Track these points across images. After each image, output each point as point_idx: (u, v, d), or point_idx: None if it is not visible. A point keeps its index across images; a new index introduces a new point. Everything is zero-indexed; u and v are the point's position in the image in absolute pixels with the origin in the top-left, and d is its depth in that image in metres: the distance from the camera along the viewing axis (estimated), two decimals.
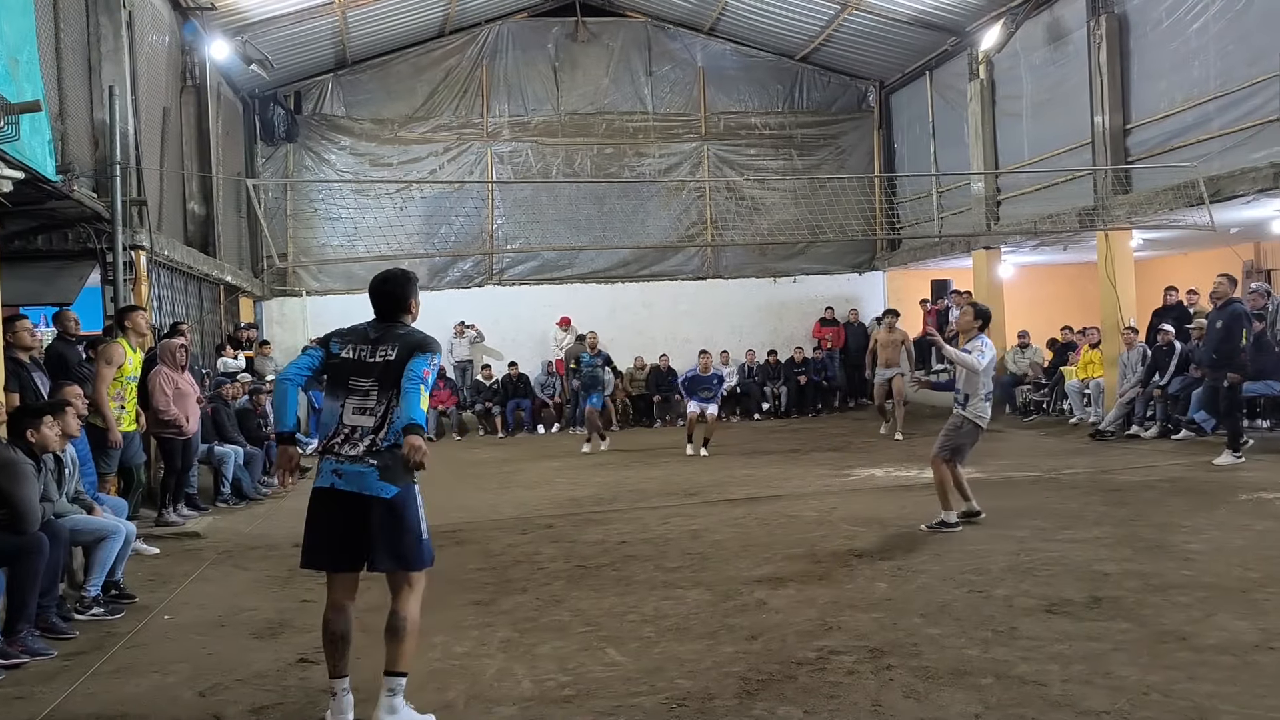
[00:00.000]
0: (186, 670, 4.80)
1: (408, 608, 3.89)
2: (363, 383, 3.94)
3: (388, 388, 3.90)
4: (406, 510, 3.89)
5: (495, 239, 18.98)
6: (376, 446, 3.87)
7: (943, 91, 18.16)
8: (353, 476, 3.86)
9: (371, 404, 3.91)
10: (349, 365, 3.97)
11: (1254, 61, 11.24)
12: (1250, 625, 4.64)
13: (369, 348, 3.96)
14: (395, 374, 3.87)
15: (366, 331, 4.04)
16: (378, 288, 4.12)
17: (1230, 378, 9.92)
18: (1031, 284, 18.61)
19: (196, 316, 13.27)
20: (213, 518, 9.33)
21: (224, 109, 15.82)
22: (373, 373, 3.93)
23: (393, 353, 3.92)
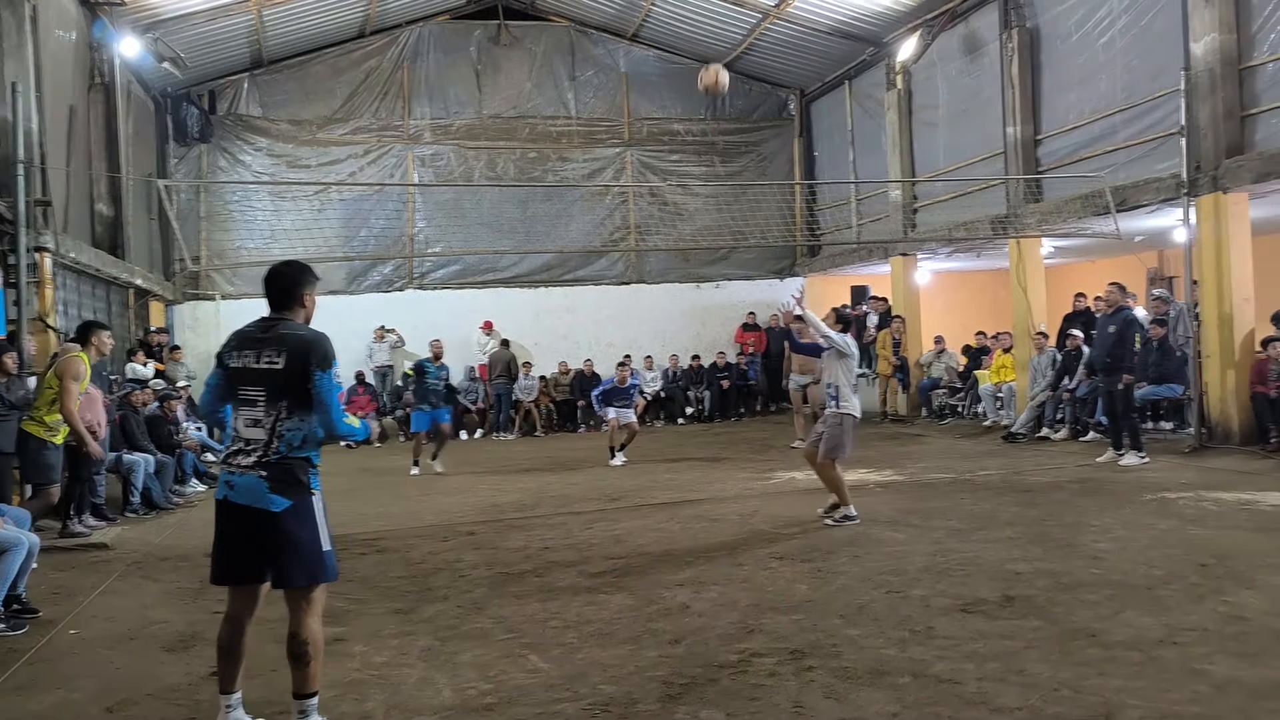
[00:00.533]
0: (94, 686, 4.62)
1: (306, 628, 3.72)
2: (251, 392, 3.76)
3: (276, 398, 3.71)
4: (302, 523, 3.71)
5: (416, 242, 18.76)
6: (267, 458, 3.69)
7: (861, 100, 18.50)
8: (244, 488, 3.69)
9: (260, 414, 3.73)
10: (239, 374, 3.80)
11: (1156, 76, 11.69)
12: (1155, 621, 4.80)
13: (254, 353, 3.76)
14: (282, 383, 3.70)
15: (254, 333, 3.84)
16: (269, 277, 3.92)
17: (1125, 379, 10.30)
18: (947, 290, 19.05)
19: (105, 321, 12.82)
20: (121, 528, 9.02)
21: (134, 108, 15.35)
22: (260, 381, 3.74)
23: (279, 359, 3.70)
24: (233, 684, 3.81)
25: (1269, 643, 4.40)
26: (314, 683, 3.75)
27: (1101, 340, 10.62)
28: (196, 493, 11.34)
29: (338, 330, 17.44)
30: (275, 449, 3.70)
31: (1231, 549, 6.16)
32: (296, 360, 3.68)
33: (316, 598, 3.78)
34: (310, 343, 3.73)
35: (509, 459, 13.97)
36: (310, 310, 3.96)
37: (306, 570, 3.72)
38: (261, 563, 3.72)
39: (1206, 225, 10.92)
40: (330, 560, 3.80)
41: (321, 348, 3.73)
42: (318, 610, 3.78)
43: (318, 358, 3.69)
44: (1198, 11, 10.78)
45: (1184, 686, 3.94)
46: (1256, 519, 7.12)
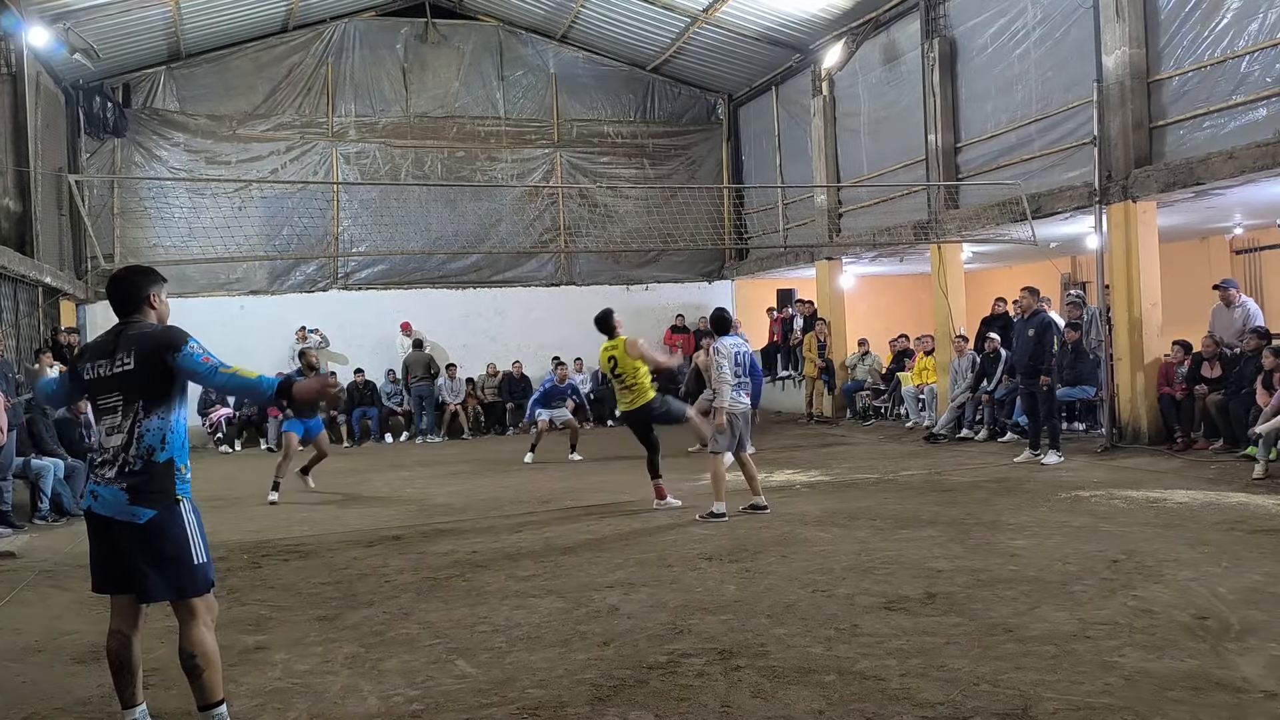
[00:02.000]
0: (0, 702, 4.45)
1: (195, 640, 3.60)
2: (109, 400, 3.62)
3: (132, 400, 3.58)
4: (168, 534, 3.58)
5: (341, 242, 18.45)
6: (128, 466, 3.56)
7: (788, 106, 18.74)
8: (106, 499, 3.58)
9: (118, 420, 3.59)
10: (95, 384, 3.66)
11: (1070, 88, 12.06)
12: (1069, 616, 4.95)
13: (107, 360, 3.61)
14: (137, 382, 3.57)
15: (106, 343, 3.69)
16: (109, 285, 3.79)
17: (1044, 381, 10.61)
18: (870, 293, 19.39)
19: (11, 320, 12.36)
20: (29, 536, 8.71)
21: (44, 100, 14.82)
22: (114, 386, 3.60)
23: (130, 359, 3.56)
24: (133, 697, 3.72)
25: (1176, 635, 4.57)
26: (214, 693, 3.64)
27: (1021, 344, 10.91)
28: None
29: (259, 331, 17.18)
30: (135, 454, 3.56)
31: (1140, 545, 6.38)
32: (147, 355, 3.56)
33: (200, 607, 3.64)
34: (157, 334, 3.63)
35: (435, 462, 13.81)
36: (163, 312, 3.83)
37: (174, 585, 3.60)
38: (133, 573, 3.61)
39: (1117, 232, 11.30)
40: (202, 573, 3.65)
41: (169, 335, 3.61)
42: (204, 619, 3.65)
43: (169, 344, 3.58)
44: (1109, 26, 11.15)
45: (1096, 679, 4.07)
46: (1163, 516, 7.39)
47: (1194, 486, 8.57)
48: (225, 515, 9.77)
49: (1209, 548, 6.26)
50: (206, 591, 3.69)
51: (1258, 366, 9.64)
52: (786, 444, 13.56)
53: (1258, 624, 4.68)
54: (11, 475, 9.11)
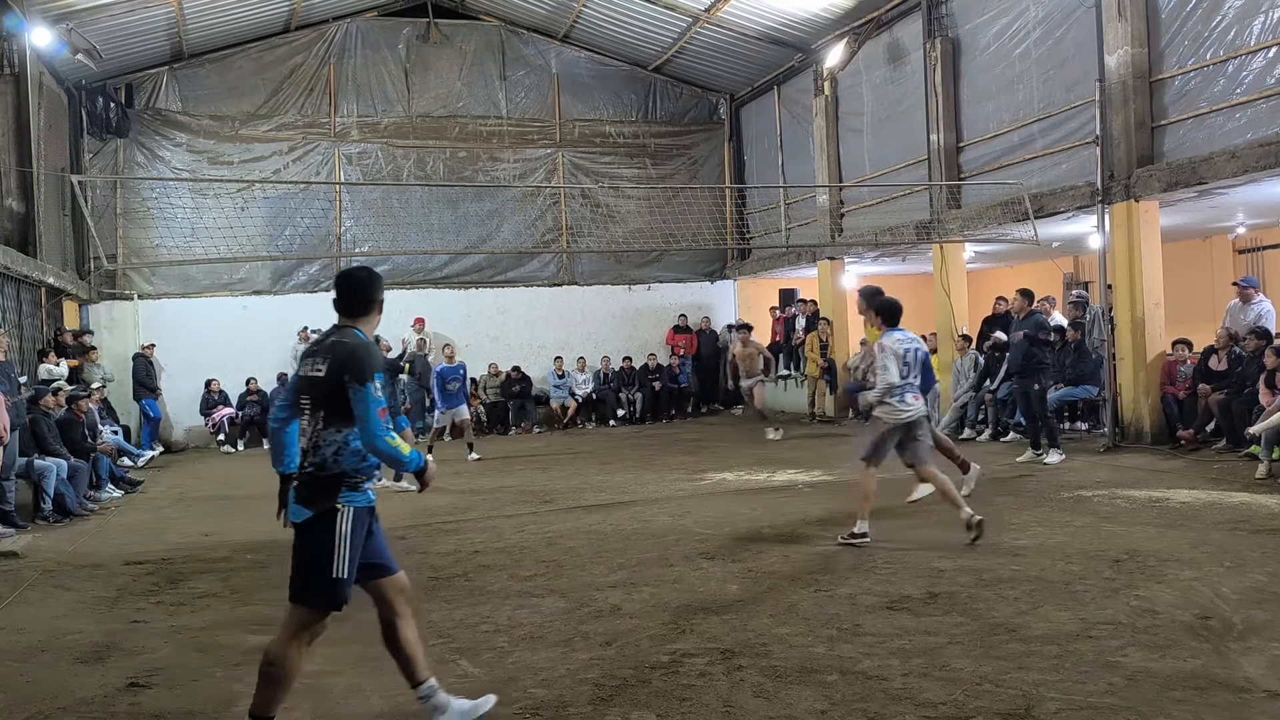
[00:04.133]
0: (3, 701, 4.46)
1: (278, 647, 3.56)
2: (305, 401, 3.68)
3: (317, 407, 3.61)
4: (315, 537, 3.56)
5: (343, 242, 18.46)
6: (306, 470, 3.62)
7: (790, 106, 18.73)
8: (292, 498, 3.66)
9: (306, 422, 3.66)
10: (302, 382, 3.71)
11: (1071, 87, 12.05)
12: (1071, 615, 4.95)
13: (310, 361, 3.66)
14: (324, 392, 3.57)
15: (319, 341, 3.75)
16: (336, 280, 3.83)
17: (1041, 382, 10.62)
18: None
19: (15, 320, 12.38)
20: (33, 535, 8.72)
21: (47, 100, 14.84)
22: (308, 389, 3.66)
23: (323, 368, 3.58)
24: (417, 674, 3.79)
25: (1178, 635, 4.57)
26: (269, 707, 3.54)
27: (1015, 347, 11.01)
28: (113, 499, 11.01)
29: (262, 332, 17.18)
30: (312, 460, 3.59)
31: (1143, 545, 6.38)
32: (335, 370, 3.54)
33: (304, 620, 3.59)
34: (349, 352, 3.56)
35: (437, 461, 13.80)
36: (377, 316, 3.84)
37: (300, 585, 3.59)
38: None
39: (1119, 232, 11.29)
40: (333, 588, 3.55)
41: (358, 359, 3.54)
42: (297, 633, 3.58)
43: (353, 369, 3.51)
44: (1110, 26, 11.14)
45: (1099, 678, 4.07)
46: (1166, 516, 7.39)
47: (1196, 486, 8.56)
48: (228, 515, 9.78)
49: (1211, 547, 6.26)
50: (324, 609, 3.60)
51: (1261, 366, 9.63)
52: (789, 444, 13.55)
53: (1261, 624, 4.68)
54: (14, 475, 9.12)
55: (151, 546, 8.14)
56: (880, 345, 6.95)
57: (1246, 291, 11.13)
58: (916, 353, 7.05)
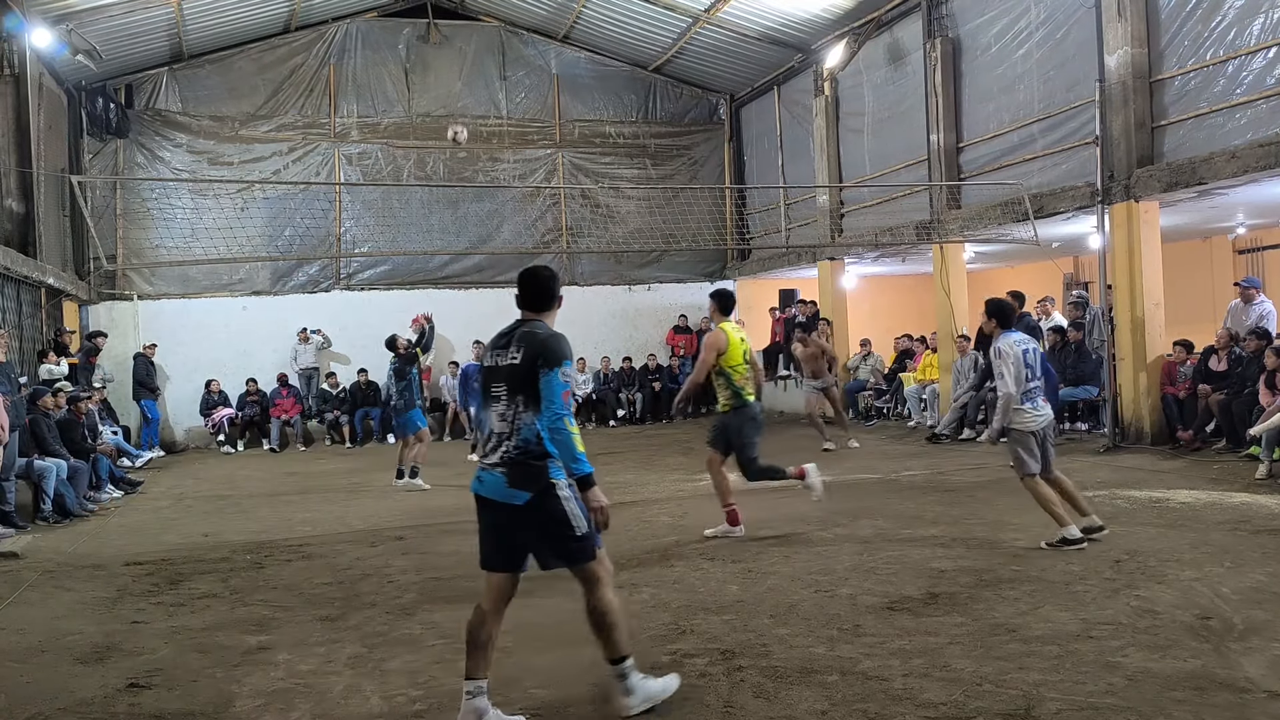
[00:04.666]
0: (1, 701, 4.45)
1: (599, 600, 3.89)
2: (498, 388, 3.91)
3: (514, 394, 3.85)
4: (548, 512, 3.83)
5: (343, 243, 18.46)
6: (507, 454, 3.84)
7: (790, 106, 18.73)
8: (488, 483, 3.88)
9: (503, 409, 3.87)
10: (490, 372, 3.97)
11: (1072, 87, 12.05)
12: (1072, 616, 4.94)
13: (503, 352, 3.92)
14: (520, 378, 3.83)
15: (505, 335, 4.01)
16: (520, 277, 4.17)
17: None
18: (873, 294, 19.38)
19: (15, 321, 12.38)
20: (32, 536, 8.72)
21: (46, 101, 14.83)
22: (502, 377, 3.89)
23: (518, 355, 3.85)
24: (477, 670, 3.88)
25: (1178, 635, 4.57)
26: (618, 647, 3.91)
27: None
28: (113, 499, 11.01)
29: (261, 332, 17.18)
30: (515, 445, 3.82)
31: (1143, 545, 6.37)
32: (531, 356, 3.81)
33: (597, 571, 3.90)
34: (542, 341, 3.86)
35: (439, 462, 13.78)
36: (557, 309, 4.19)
37: (564, 555, 3.88)
38: (513, 552, 3.91)
39: (1119, 232, 11.29)
40: (587, 542, 3.88)
41: (550, 346, 3.83)
42: (602, 580, 3.91)
43: (546, 355, 3.80)
44: (1111, 26, 11.14)
45: (1099, 679, 4.07)
46: (1166, 516, 7.38)
47: (1197, 486, 8.56)
48: (228, 515, 9.78)
49: (1212, 548, 6.25)
50: (594, 557, 3.90)
51: (1261, 366, 9.63)
52: (788, 444, 13.54)
53: (1261, 624, 4.68)
54: (14, 476, 9.12)
55: (151, 547, 8.14)
56: (997, 350, 6.47)
57: (1249, 292, 11.12)
58: (1036, 352, 6.58)
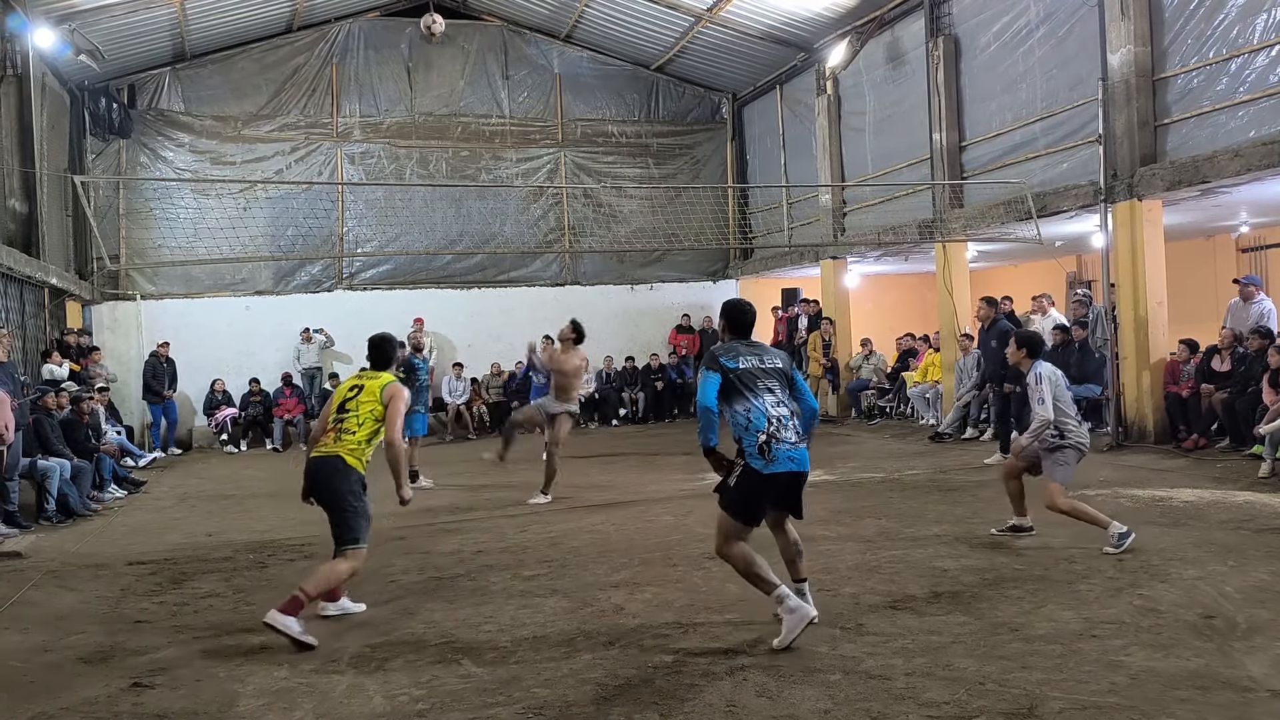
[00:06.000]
0: (5, 701, 4.46)
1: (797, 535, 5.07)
2: (768, 382, 4.84)
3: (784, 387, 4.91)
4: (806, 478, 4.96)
5: (346, 242, 18.46)
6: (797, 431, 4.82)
7: (792, 105, 18.72)
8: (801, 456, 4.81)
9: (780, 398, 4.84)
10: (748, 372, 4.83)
11: (1075, 86, 12.03)
12: (1075, 615, 4.94)
13: (757, 358, 4.89)
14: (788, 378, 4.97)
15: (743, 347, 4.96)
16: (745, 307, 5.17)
17: (1007, 387, 10.66)
18: (875, 293, 19.37)
19: (18, 321, 12.39)
20: (36, 536, 8.74)
21: (49, 101, 14.85)
22: (772, 375, 4.88)
23: (779, 362, 4.96)
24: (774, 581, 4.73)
25: (1181, 634, 4.56)
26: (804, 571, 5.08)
27: (987, 353, 11.13)
28: (116, 499, 11.02)
29: (264, 332, 17.15)
30: (797, 428, 4.82)
31: (1146, 544, 6.36)
32: (788, 363, 5.03)
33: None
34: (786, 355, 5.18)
35: (439, 462, 13.80)
36: None
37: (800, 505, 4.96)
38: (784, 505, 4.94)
39: (1122, 231, 11.27)
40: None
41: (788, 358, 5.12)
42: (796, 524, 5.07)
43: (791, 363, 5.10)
44: (1114, 24, 11.12)
45: (1102, 678, 4.06)
46: (1169, 515, 7.38)
47: (1200, 485, 8.55)
48: (231, 515, 9.80)
49: (1215, 546, 6.25)
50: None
51: (1264, 365, 9.61)
52: None
53: (1264, 623, 4.67)
54: (18, 475, 9.13)
55: (154, 546, 8.15)
56: (1037, 376, 6.60)
57: (1248, 289, 11.10)
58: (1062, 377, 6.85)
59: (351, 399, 5.60)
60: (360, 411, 5.54)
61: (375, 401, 5.56)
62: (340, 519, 5.40)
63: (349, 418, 5.54)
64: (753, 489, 4.76)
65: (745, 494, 4.78)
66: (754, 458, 4.71)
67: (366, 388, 5.64)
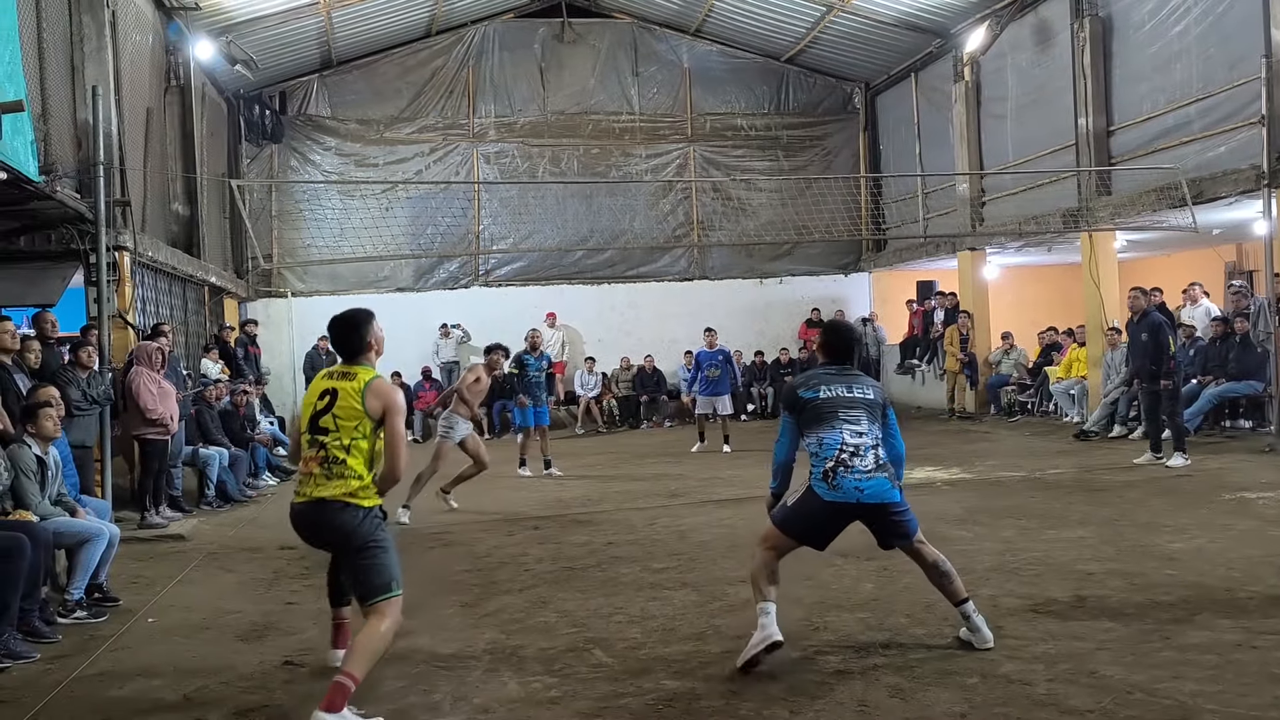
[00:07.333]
0: (170, 673, 4.77)
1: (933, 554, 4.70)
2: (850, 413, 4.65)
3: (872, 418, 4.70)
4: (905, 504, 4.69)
5: (482, 240, 18.96)
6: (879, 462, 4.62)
7: (928, 93, 18.23)
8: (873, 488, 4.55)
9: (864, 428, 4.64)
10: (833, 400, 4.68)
11: (1234, 65, 11.33)
12: (1233, 624, 4.67)
13: (844, 386, 4.72)
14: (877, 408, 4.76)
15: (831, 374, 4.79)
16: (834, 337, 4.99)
17: (1163, 384, 10.04)
18: (1016, 285, 18.70)
19: (180, 318, 13.19)
20: (197, 520, 9.29)
21: (208, 109, 15.74)
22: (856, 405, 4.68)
23: (870, 393, 4.75)
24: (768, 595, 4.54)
25: None
26: (963, 589, 4.65)
27: (1136, 347, 10.39)
28: (269, 486, 11.61)
29: (405, 327, 17.71)
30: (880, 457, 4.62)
31: None
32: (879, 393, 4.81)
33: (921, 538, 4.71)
34: (880, 385, 4.99)
35: (570, 454, 14.03)
36: None
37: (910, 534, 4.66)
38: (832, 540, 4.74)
39: None
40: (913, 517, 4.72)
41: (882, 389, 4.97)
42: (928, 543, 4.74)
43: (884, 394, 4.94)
44: None
45: (1265, 691, 3.83)
46: None
47: None
48: None
49: None
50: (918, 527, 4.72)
51: None
52: (927, 440, 13.22)
53: None
54: (181, 463, 9.75)
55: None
56: None
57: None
58: None
59: (325, 413, 4.14)
60: (344, 435, 4.10)
61: (360, 416, 4.10)
62: (362, 565, 4.09)
63: (331, 443, 4.10)
64: (811, 512, 4.60)
65: (802, 515, 4.64)
66: (818, 482, 4.57)
67: (341, 393, 4.14)
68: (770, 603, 4.51)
